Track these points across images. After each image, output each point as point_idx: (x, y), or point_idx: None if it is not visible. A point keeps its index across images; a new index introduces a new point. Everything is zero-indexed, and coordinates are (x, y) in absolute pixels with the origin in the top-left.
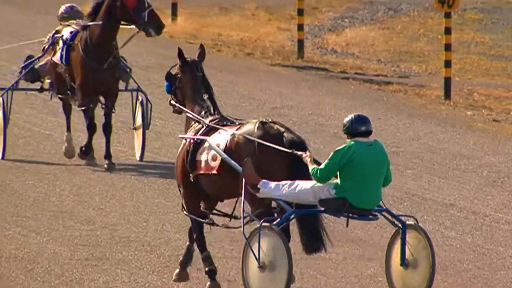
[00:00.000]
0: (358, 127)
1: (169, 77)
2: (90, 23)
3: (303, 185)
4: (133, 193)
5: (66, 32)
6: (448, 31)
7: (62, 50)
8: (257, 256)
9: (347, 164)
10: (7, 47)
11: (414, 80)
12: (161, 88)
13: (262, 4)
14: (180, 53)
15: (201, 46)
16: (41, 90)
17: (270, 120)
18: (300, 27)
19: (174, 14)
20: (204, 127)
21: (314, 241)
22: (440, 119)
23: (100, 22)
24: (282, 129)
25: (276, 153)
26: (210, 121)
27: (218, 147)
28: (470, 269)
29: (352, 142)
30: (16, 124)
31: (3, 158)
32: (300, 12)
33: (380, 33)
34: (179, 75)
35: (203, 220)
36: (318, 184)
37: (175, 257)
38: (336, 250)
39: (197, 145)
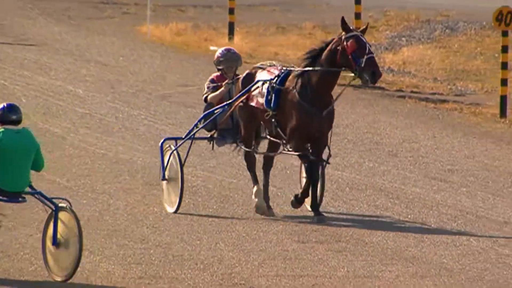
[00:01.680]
0: (9, 116)
1: None
2: (308, 69)
3: None
4: (187, 212)
5: (264, 76)
6: (505, 49)
7: (269, 95)
8: None
9: None
10: (169, 92)
11: (470, 98)
12: None
13: (320, 23)
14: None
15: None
16: (211, 139)
17: None
18: None
19: (231, 33)
20: None
21: None
22: (496, 137)
23: (320, 68)
24: None
25: None
26: None
27: None
28: None
29: (2, 129)
30: (71, 144)
31: (175, 212)
32: None
33: (437, 52)
34: None
35: None
36: None
37: (228, 275)
38: (389, 268)
39: None
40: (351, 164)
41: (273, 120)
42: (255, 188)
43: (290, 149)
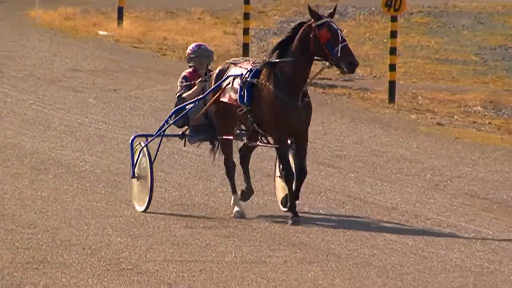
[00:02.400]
0: None
1: None
2: (278, 60)
3: None
4: (75, 197)
5: (236, 72)
6: (394, 34)
7: (241, 91)
8: None
9: None
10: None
11: (359, 83)
12: (106, 92)
13: (209, 8)
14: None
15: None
16: (183, 136)
17: None
18: (246, 31)
19: (120, 18)
20: None
21: None
22: (384, 122)
23: (291, 59)
24: None
25: None
26: None
27: None
28: (411, 272)
29: None
30: None
31: (145, 211)
32: (246, 16)
33: None
34: None
35: None
36: None
37: (115, 260)
38: (277, 254)
39: None
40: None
41: (248, 116)
42: (233, 198)
43: (270, 142)
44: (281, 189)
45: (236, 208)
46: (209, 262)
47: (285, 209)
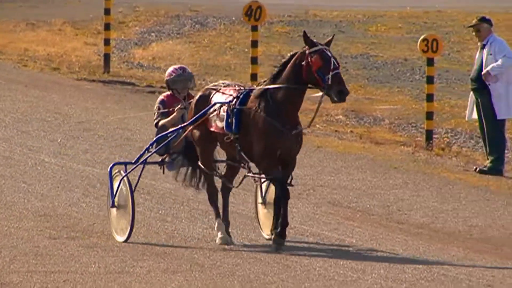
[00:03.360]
0: None
1: None
2: (271, 86)
3: None
4: None
5: (221, 98)
6: (254, 44)
7: (229, 118)
8: None
9: None
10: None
11: None
12: None
13: (69, 20)
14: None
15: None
16: (162, 163)
17: None
18: (107, 42)
19: None
20: None
21: None
22: None
23: (284, 85)
24: None
25: None
26: None
27: None
28: (275, 281)
29: None
30: None
31: (126, 241)
32: (107, 27)
33: (186, 47)
34: None
35: None
36: None
37: None
38: (140, 264)
39: None
40: (102, 160)
41: (236, 144)
42: (216, 222)
43: (258, 173)
44: (264, 215)
45: (219, 234)
46: (72, 273)
47: (268, 237)
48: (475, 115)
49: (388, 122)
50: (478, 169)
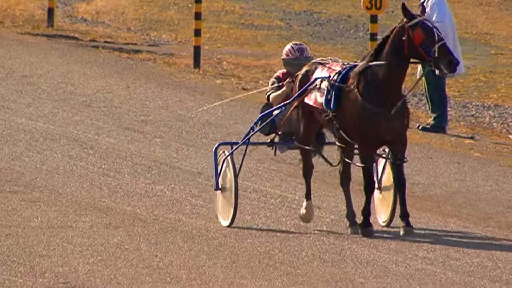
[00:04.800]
0: None
1: None
2: (372, 63)
3: None
4: None
5: (323, 73)
6: (198, 0)
7: (328, 94)
8: None
9: None
10: (216, 105)
11: (164, 49)
12: None
13: None
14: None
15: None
16: (272, 143)
17: None
18: None
19: None
20: None
21: None
22: (190, 87)
23: (384, 62)
24: None
25: None
26: None
27: None
28: (217, 237)
29: None
30: None
31: (230, 225)
32: None
33: (130, 2)
34: None
35: None
36: None
37: None
38: (83, 219)
39: None
40: (45, 114)
41: (334, 122)
42: (305, 203)
43: (361, 162)
44: (378, 201)
45: (304, 211)
46: (15, 227)
47: (384, 224)
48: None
49: None
50: (421, 126)
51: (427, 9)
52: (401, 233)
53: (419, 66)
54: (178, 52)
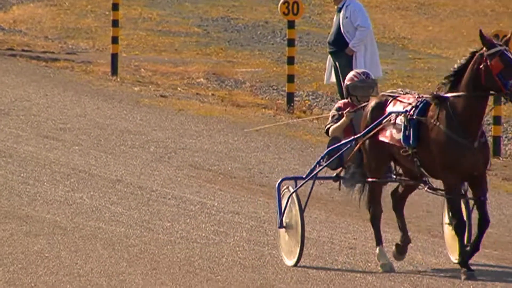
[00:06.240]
0: None
1: None
2: (449, 95)
3: None
4: None
5: (398, 108)
6: (115, 7)
7: (406, 130)
8: None
9: None
10: (270, 126)
11: (82, 56)
12: None
13: None
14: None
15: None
16: (338, 178)
17: None
18: None
19: None
20: None
21: None
22: (107, 95)
23: (463, 94)
24: None
25: None
26: None
27: None
28: (137, 244)
29: None
30: None
31: (295, 265)
32: None
33: (47, 10)
34: None
35: None
36: None
37: None
38: (3, 227)
39: None
40: None
41: (414, 159)
42: (378, 250)
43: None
44: (451, 237)
45: (382, 261)
46: None
47: (456, 261)
48: (333, 79)
49: (249, 85)
50: None
51: (348, 14)
52: (462, 278)
53: None
54: (95, 59)
